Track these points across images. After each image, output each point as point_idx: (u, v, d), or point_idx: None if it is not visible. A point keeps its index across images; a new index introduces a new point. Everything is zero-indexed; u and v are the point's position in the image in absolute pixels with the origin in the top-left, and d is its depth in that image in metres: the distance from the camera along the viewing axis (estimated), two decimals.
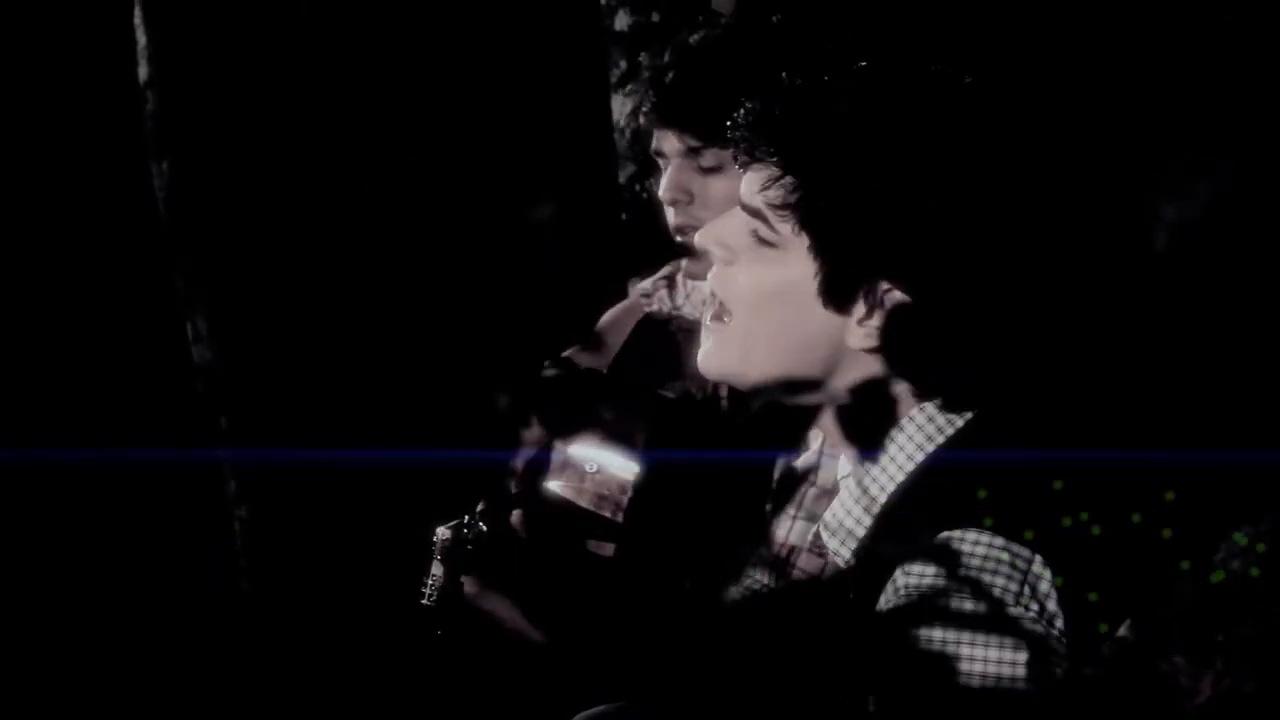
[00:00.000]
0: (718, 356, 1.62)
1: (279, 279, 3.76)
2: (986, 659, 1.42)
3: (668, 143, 2.15)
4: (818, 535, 1.67)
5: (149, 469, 3.73)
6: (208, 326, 3.62)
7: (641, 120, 2.21)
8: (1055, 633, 1.43)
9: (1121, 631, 1.42)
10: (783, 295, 1.55)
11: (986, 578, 1.44)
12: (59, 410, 3.82)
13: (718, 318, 1.62)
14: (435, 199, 3.92)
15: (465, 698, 2.20)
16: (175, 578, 3.74)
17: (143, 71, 3.61)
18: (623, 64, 3.18)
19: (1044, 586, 1.45)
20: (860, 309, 1.54)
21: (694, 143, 2.11)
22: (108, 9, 3.72)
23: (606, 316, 2.52)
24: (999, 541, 1.46)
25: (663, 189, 2.16)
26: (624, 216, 3.26)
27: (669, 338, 2.39)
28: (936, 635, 1.44)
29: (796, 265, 1.54)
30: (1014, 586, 1.44)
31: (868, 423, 1.57)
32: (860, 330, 1.54)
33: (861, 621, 1.52)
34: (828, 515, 1.62)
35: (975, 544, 1.46)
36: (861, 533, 1.58)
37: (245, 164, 3.76)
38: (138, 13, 3.60)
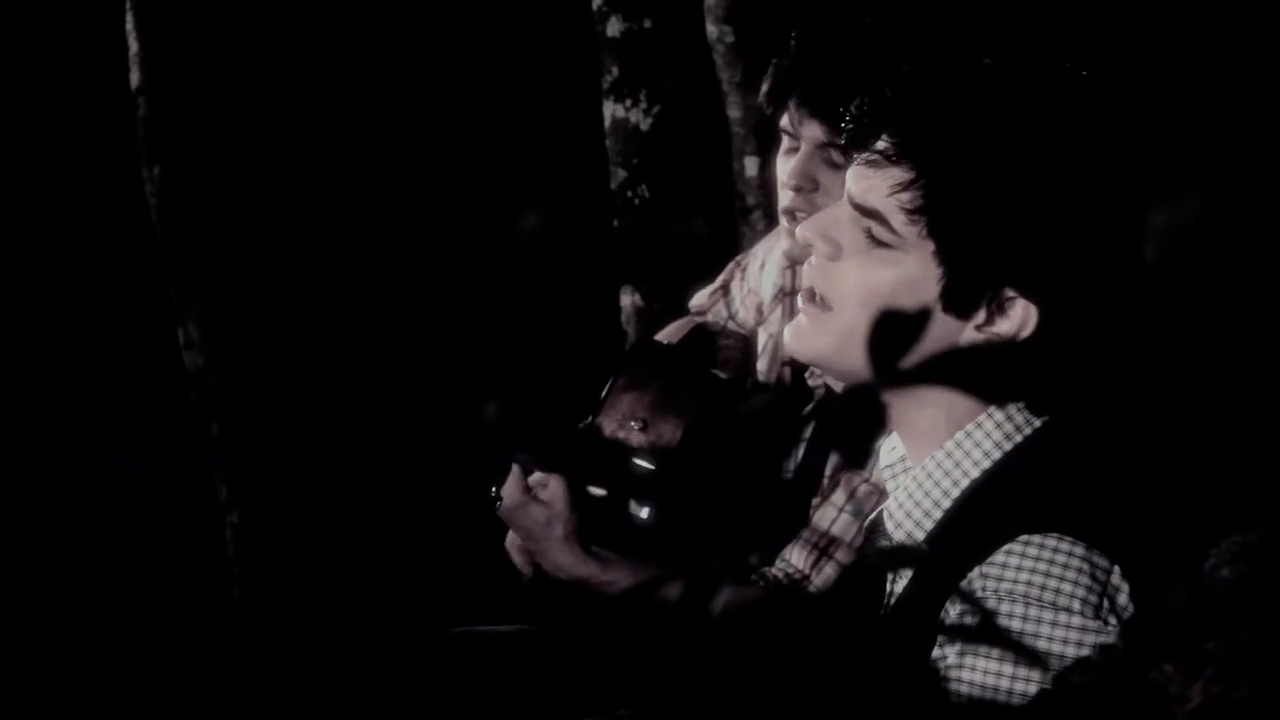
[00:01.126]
0: (812, 340, 1.58)
1: (271, 285, 3.76)
2: (1047, 669, 1.40)
3: (808, 128, 2.09)
4: (873, 529, 1.65)
5: (141, 474, 3.72)
6: (200, 332, 3.62)
7: (790, 101, 2.12)
8: None
9: (1110, 639, 1.41)
10: (898, 295, 1.51)
11: (1068, 588, 1.42)
12: (53, 416, 3.81)
13: (812, 301, 1.58)
14: (428, 205, 3.91)
15: (468, 697, 2.20)
16: (168, 583, 3.73)
17: (134, 78, 3.60)
18: (615, 70, 3.18)
19: (1122, 600, 1.44)
20: (981, 314, 1.51)
21: (836, 137, 2.01)
22: (99, 16, 3.72)
23: (663, 333, 2.51)
24: (1080, 550, 1.43)
25: (789, 173, 2.10)
26: (616, 223, 3.26)
27: (719, 349, 2.38)
28: (1012, 641, 1.42)
29: (916, 266, 1.51)
30: (1094, 599, 1.42)
31: (950, 420, 1.55)
32: (977, 335, 1.52)
33: (923, 617, 1.49)
34: (892, 504, 1.59)
35: (1056, 551, 1.43)
36: (930, 526, 1.55)
37: (237, 170, 3.76)
38: (129, 19, 3.59)
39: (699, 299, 2.47)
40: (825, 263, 1.56)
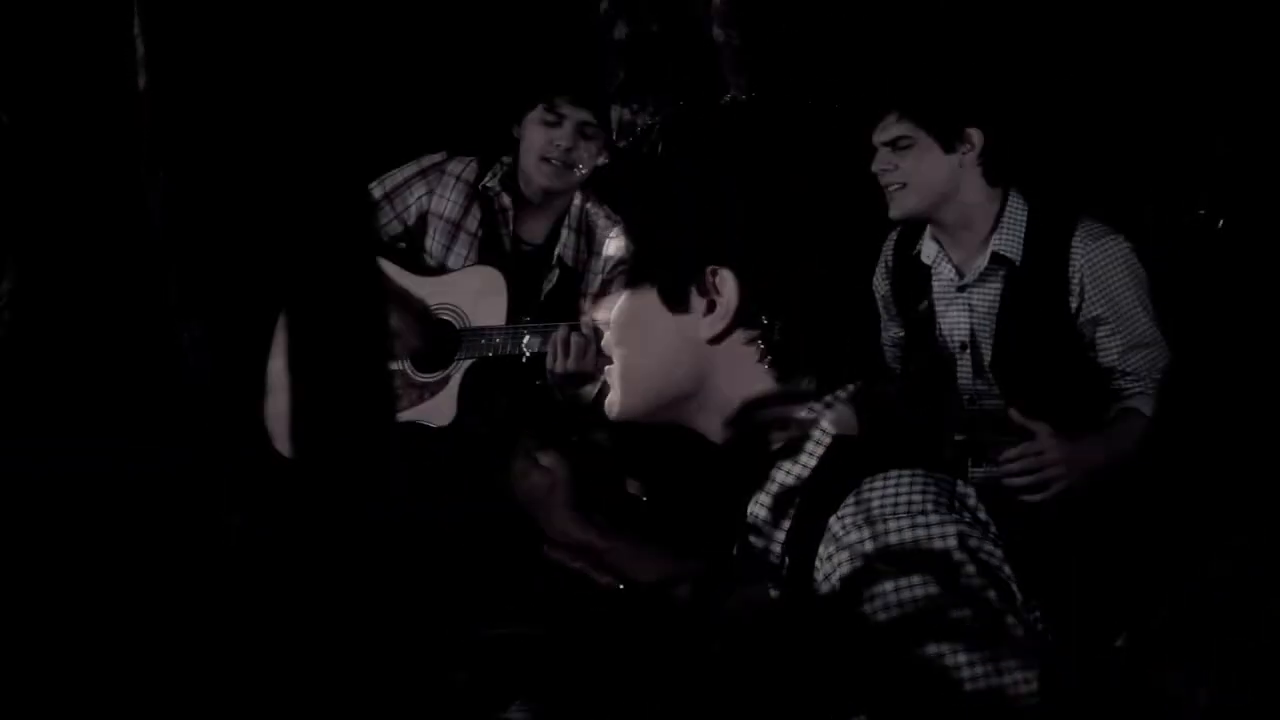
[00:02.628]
0: (610, 399, 1.73)
1: (273, 287, 3.76)
2: (929, 567, 1.48)
3: None
4: (745, 533, 1.70)
5: (141, 474, 3.72)
6: (201, 334, 3.62)
7: None
8: (991, 535, 1.50)
9: (1118, 642, 1.42)
10: (634, 318, 1.67)
11: (917, 496, 1.51)
12: (52, 416, 3.82)
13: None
14: None
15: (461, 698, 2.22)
16: (168, 584, 3.73)
17: (141, 81, 3.61)
18: (621, 74, 3.19)
19: (971, 501, 1.54)
20: (700, 302, 1.64)
21: None
22: (107, 18, 3.73)
23: None
24: (919, 472, 1.54)
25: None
26: None
27: None
28: (882, 559, 1.50)
29: (640, 288, 1.67)
30: (944, 499, 1.52)
31: (755, 422, 1.65)
32: (706, 322, 1.64)
33: (800, 593, 1.57)
34: (750, 510, 1.67)
35: (899, 477, 1.53)
36: (787, 525, 1.63)
37: (243, 173, 3.76)
38: (137, 23, 3.60)
39: None
40: (607, 329, 1.73)
